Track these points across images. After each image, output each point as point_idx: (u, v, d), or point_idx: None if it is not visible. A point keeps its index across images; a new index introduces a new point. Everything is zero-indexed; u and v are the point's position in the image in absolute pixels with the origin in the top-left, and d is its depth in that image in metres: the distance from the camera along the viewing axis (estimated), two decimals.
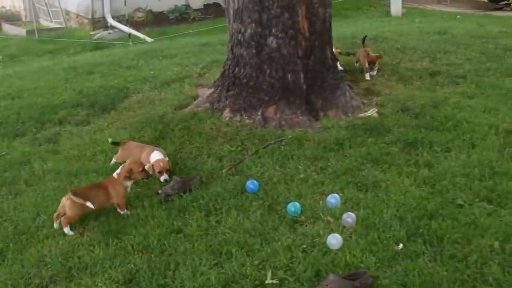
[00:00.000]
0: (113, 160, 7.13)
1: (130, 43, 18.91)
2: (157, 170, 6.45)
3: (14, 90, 11.32)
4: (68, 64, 14.26)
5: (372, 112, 7.92)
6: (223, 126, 7.73)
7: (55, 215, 5.71)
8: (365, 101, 8.61)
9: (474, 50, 11.87)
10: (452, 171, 6.25)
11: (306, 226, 5.40)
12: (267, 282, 4.57)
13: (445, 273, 4.53)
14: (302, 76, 8.07)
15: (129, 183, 5.97)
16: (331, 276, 4.42)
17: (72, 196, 5.50)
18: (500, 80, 9.57)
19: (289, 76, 8.01)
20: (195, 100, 9.03)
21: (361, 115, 7.92)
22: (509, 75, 9.87)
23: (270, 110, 7.90)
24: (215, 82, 8.96)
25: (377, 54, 9.86)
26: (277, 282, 4.57)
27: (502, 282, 4.42)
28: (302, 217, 5.54)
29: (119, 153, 7.07)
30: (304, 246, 5.04)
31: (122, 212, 5.87)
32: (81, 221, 5.82)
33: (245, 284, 4.55)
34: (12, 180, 6.91)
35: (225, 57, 9.17)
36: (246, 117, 7.91)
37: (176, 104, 8.95)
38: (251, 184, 6.14)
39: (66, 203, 5.62)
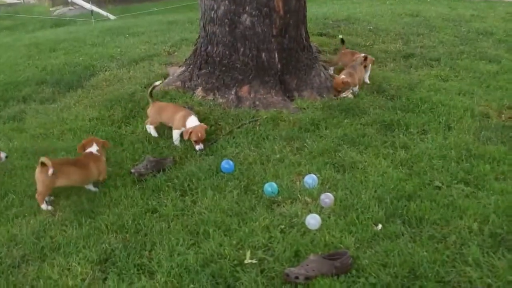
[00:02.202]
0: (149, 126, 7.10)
1: (93, 20, 18.67)
2: (193, 138, 6.58)
3: None
4: (29, 40, 14.06)
5: (347, 93, 7.98)
6: (195, 105, 7.73)
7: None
8: None
9: (447, 33, 12.07)
10: (429, 153, 6.36)
11: (283, 206, 5.44)
12: (246, 261, 4.60)
13: (425, 253, 4.61)
14: (276, 55, 8.10)
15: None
16: (312, 256, 4.49)
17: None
18: (474, 63, 9.73)
19: (263, 55, 8.03)
20: (165, 79, 8.99)
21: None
22: (483, 59, 10.06)
23: (244, 90, 7.92)
24: (186, 60, 8.95)
25: (344, 80, 7.96)
26: (256, 262, 4.60)
27: (481, 263, 4.51)
28: (279, 198, 5.58)
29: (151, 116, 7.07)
30: (283, 226, 5.08)
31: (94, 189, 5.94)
32: (51, 199, 5.80)
33: (224, 264, 4.57)
34: None
35: (195, 35, 9.15)
36: (219, 97, 7.93)
37: (146, 82, 8.90)
38: (226, 164, 6.16)
39: (37, 178, 5.60)
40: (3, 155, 6.03)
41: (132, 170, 6.13)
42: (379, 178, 5.84)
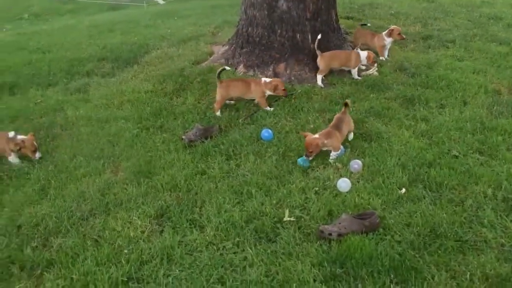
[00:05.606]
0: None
1: (145, 4, 18.60)
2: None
3: (43, 45, 11.16)
4: (89, 22, 14.07)
5: (373, 70, 7.83)
6: None
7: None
8: None
9: (461, 17, 11.74)
10: (447, 125, 6.22)
11: (317, 171, 5.37)
12: (285, 219, 4.58)
13: (444, 215, 4.54)
14: (309, 36, 7.95)
15: (268, 92, 6.77)
16: (344, 215, 4.44)
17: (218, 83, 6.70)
18: (486, 45, 9.45)
19: (298, 36, 7.91)
20: (210, 56, 8.94)
21: (363, 73, 7.83)
22: (494, 41, 9.76)
23: (281, 67, 7.81)
24: (229, 40, 8.87)
25: (316, 141, 5.42)
26: (294, 219, 4.57)
27: (495, 224, 4.43)
28: (314, 163, 5.51)
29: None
30: (317, 188, 5.03)
31: (265, 108, 6.83)
32: (114, 161, 5.84)
33: (265, 220, 4.55)
34: (49, 125, 6.85)
35: (236, 18, 9.05)
36: (258, 72, 7.83)
37: (193, 59, 8.85)
38: (266, 133, 6.08)
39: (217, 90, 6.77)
40: (38, 155, 5.97)
41: (183, 137, 6.09)
42: (402, 147, 5.74)
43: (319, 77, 7.59)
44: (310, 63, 7.87)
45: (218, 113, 6.77)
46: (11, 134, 5.94)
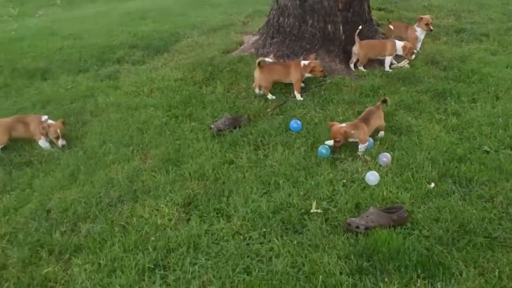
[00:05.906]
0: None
1: None
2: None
3: (75, 32, 11.28)
4: (122, 9, 14.16)
5: (404, 63, 7.74)
6: None
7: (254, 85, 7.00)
8: None
9: (496, 10, 11.51)
10: (478, 120, 6.11)
11: (345, 163, 5.33)
12: (312, 211, 4.55)
13: (474, 211, 4.46)
14: (341, 27, 7.89)
15: (306, 75, 6.87)
16: (371, 209, 4.40)
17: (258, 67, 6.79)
18: None
19: (329, 26, 7.85)
20: (240, 46, 8.94)
21: (394, 65, 7.75)
22: None
23: (311, 57, 7.73)
24: (259, 29, 8.85)
25: (342, 130, 5.42)
26: (321, 211, 4.54)
27: None
28: (342, 155, 5.47)
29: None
30: (345, 181, 4.99)
31: (297, 94, 6.87)
32: (142, 148, 5.88)
33: (293, 211, 4.53)
34: (79, 111, 6.94)
35: (267, 8, 9.02)
36: None
37: (223, 48, 8.86)
38: (295, 124, 6.06)
39: (258, 76, 6.86)
40: (60, 142, 6.01)
41: (212, 126, 6.10)
42: (433, 141, 5.67)
43: (352, 65, 7.77)
44: (341, 54, 7.82)
45: (270, 96, 6.93)
46: (44, 117, 6.04)
